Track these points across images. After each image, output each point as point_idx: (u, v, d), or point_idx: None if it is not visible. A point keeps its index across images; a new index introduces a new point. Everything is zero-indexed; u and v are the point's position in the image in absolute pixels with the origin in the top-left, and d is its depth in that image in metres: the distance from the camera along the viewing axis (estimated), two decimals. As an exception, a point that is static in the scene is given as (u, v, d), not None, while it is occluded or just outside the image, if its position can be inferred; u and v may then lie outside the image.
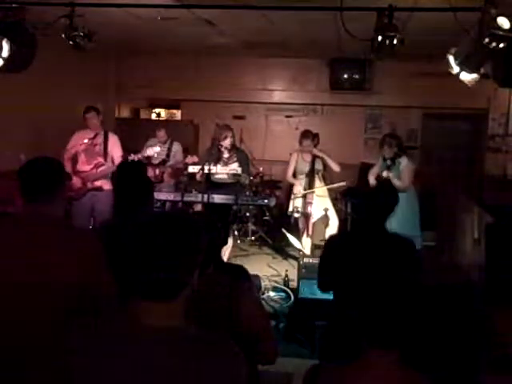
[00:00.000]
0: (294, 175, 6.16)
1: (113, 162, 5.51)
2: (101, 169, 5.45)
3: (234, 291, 2.01)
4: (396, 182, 5.17)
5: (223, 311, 1.96)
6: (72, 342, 1.35)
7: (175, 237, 1.30)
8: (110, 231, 2.46)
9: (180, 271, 1.30)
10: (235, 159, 5.69)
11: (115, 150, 5.58)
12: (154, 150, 5.70)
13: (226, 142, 5.68)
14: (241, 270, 2.53)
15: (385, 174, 5.32)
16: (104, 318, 1.41)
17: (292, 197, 6.21)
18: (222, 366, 1.27)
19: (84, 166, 5.50)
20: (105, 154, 5.51)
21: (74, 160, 5.54)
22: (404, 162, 5.30)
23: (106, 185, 5.34)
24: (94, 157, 5.50)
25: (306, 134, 6.01)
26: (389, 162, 5.37)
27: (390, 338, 1.49)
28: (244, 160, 5.84)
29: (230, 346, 1.33)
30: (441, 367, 2.19)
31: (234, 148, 5.81)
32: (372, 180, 5.51)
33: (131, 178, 2.83)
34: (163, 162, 6.34)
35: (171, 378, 1.25)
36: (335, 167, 5.90)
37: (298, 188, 6.05)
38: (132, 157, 5.44)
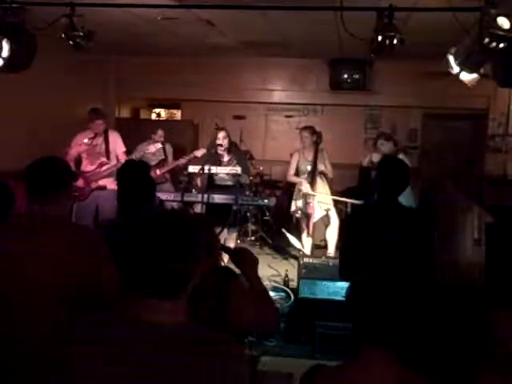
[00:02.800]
0: (297, 175, 6.15)
1: (118, 158, 5.52)
2: (105, 167, 5.46)
3: (224, 290, 2.02)
4: None
5: (216, 311, 1.96)
6: (73, 340, 1.35)
7: (176, 234, 1.30)
8: (114, 230, 2.46)
9: (182, 269, 1.30)
10: (235, 162, 5.65)
11: (118, 147, 5.59)
12: (156, 147, 5.65)
13: (225, 142, 5.61)
14: (228, 271, 2.53)
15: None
16: (106, 316, 1.41)
17: (295, 196, 6.19)
18: (224, 366, 1.27)
19: (88, 167, 5.52)
20: (107, 152, 5.51)
21: (78, 161, 5.56)
22: (400, 157, 5.34)
23: (111, 184, 5.36)
24: (96, 157, 5.51)
25: (305, 127, 6.11)
26: None
27: (387, 337, 1.49)
28: (243, 160, 5.80)
29: (231, 345, 1.34)
30: (440, 367, 2.19)
31: (232, 149, 5.74)
32: (376, 157, 5.51)
33: (135, 177, 2.85)
34: (162, 162, 6.32)
35: (172, 376, 1.25)
36: (330, 173, 5.94)
37: (305, 186, 5.98)
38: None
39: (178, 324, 1.31)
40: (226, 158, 5.65)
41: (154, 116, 10.17)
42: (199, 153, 5.73)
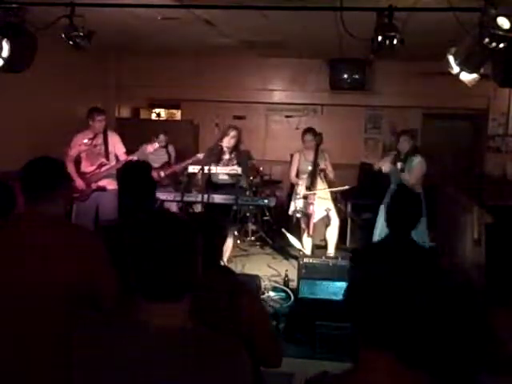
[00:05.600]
0: (297, 175, 6.16)
1: (117, 159, 5.52)
2: (104, 168, 5.46)
3: (237, 291, 2.02)
4: (405, 176, 5.21)
5: (226, 312, 1.96)
6: (74, 341, 1.35)
7: (176, 237, 1.30)
8: (114, 231, 2.46)
9: (182, 272, 1.30)
10: (235, 161, 5.62)
11: (118, 147, 5.59)
12: (153, 147, 5.61)
13: (231, 142, 5.60)
14: (227, 270, 2.52)
15: (399, 165, 5.33)
16: (106, 318, 1.41)
17: (294, 197, 6.20)
18: (226, 366, 1.27)
19: (87, 168, 5.52)
20: (106, 153, 5.51)
21: (78, 162, 5.56)
22: (417, 159, 5.32)
23: (110, 185, 5.35)
24: (96, 157, 5.51)
25: (308, 130, 6.05)
26: (402, 157, 5.37)
27: (387, 340, 1.48)
28: (244, 162, 5.76)
29: (234, 345, 1.33)
30: (440, 367, 2.19)
31: (235, 149, 5.73)
32: (386, 167, 5.47)
33: (136, 177, 2.84)
34: (166, 165, 6.31)
35: (173, 377, 1.25)
36: (331, 174, 5.93)
37: (300, 188, 6.04)
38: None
39: (179, 326, 1.31)
40: (226, 156, 5.63)
41: (154, 116, 10.16)
42: (201, 156, 5.72)
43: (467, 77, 3.81)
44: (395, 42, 3.75)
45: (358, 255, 2.98)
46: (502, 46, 3.21)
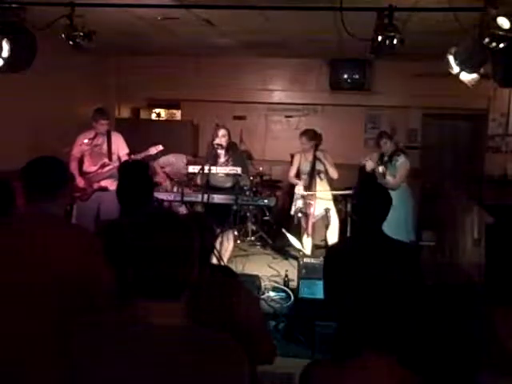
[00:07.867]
0: (298, 176, 6.15)
1: (120, 160, 5.51)
2: (107, 168, 5.46)
3: (232, 290, 2.02)
4: (388, 178, 5.24)
5: (222, 310, 1.96)
6: (73, 341, 1.35)
7: (173, 236, 1.30)
8: (113, 230, 2.46)
9: (180, 270, 1.30)
10: (231, 163, 5.54)
11: (121, 148, 5.58)
12: (157, 149, 5.57)
13: (223, 140, 5.45)
14: (228, 271, 2.52)
15: (380, 169, 5.36)
16: (105, 317, 1.41)
17: (295, 198, 6.19)
18: (224, 366, 1.27)
19: (89, 168, 5.52)
20: (109, 153, 5.51)
21: (80, 162, 5.56)
22: (401, 159, 5.37)
23: (112, 185, 5.35)
24: (98, 157, 5.51)
25: (304, 132, 5.99)
26: (386, 159, 5.42)
27: (386, 341, 1.48)
28: (241, 162, 5.66)
29: (232, 345, 1.34)
30: (440, 367, 2.19)
31: (230, 150, 5.63)
32: (369, 166, 5.50)
33: (134, 177, 2.84)
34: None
35: (172, 376, 1.25)
36: (333, 173, 5.90)
37: (299, 188, 6.04)
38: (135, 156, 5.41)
39: (178, 325, 1.31)
40: (222, 159, 5.52)
41: (154, 116, 10.16)
42: (153, 150, 5.54)
43: (467, 77, 3.82)
44: (395, 41, 3.75)
45: (332, 251, 2.96)
46: (501, 45, 3.21)
